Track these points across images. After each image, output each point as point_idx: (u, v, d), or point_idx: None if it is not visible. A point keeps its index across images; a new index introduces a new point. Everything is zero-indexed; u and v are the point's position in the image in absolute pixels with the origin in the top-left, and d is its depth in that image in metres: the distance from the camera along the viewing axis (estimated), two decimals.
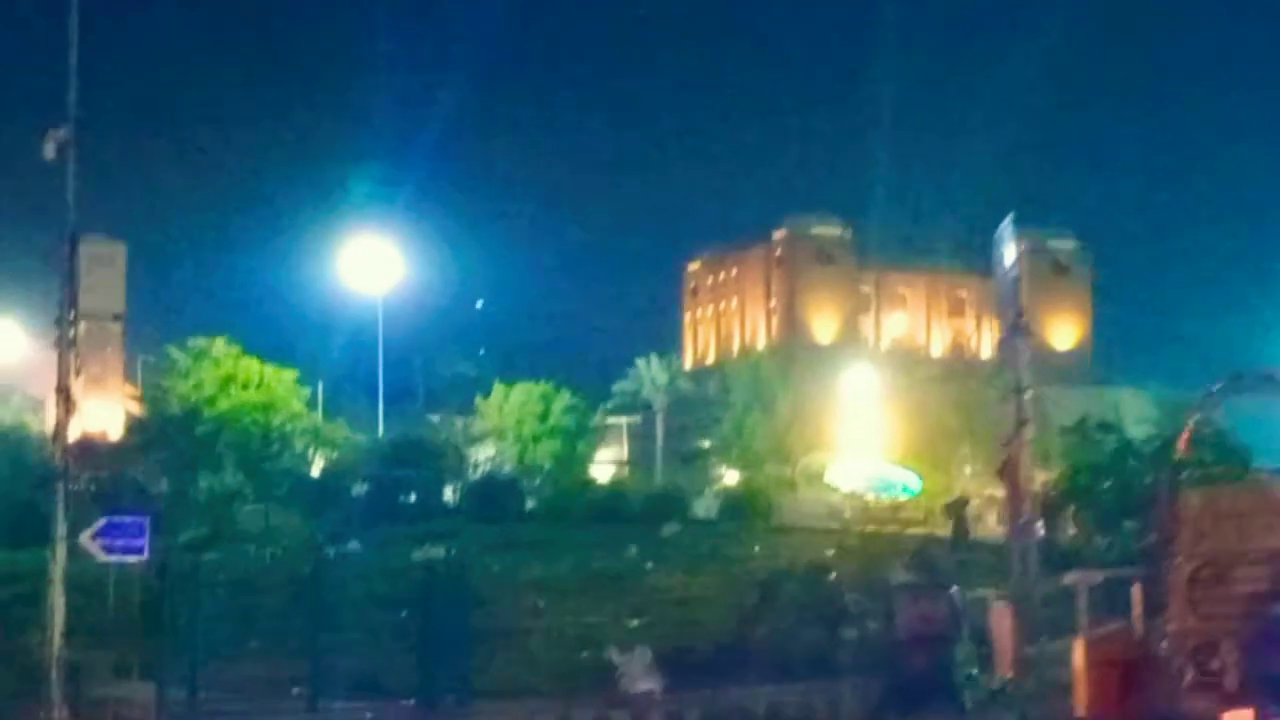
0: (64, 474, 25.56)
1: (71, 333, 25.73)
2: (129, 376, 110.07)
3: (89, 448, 78.21)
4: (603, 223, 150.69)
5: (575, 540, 55.28)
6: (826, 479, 72.03)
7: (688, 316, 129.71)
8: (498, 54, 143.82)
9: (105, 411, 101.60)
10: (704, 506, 63.52)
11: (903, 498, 70.10)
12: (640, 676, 27.60)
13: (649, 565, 50.10)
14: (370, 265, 73.08)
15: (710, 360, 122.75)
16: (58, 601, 25.05)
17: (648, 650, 28.91)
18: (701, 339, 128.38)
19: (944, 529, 56.35)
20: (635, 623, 40.55)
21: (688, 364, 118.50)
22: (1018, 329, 27.58)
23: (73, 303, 25.52)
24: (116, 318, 24.28)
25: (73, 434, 79.58)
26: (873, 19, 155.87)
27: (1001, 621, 28.68)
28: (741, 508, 60.95)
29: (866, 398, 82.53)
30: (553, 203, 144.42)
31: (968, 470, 74.55)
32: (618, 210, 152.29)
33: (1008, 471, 27.10)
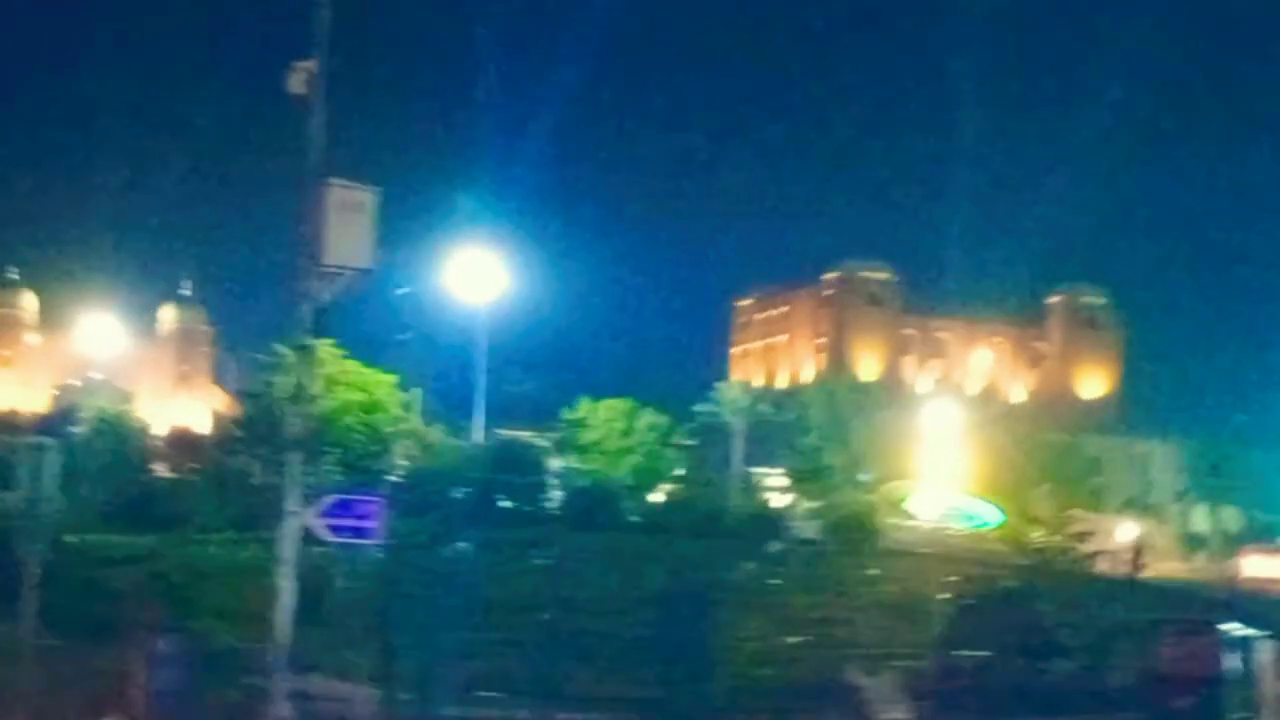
0: (304, 444, 21.03)
1: (312, 284, 21.23)
2: (223, 374, 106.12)
3: (182, 440, 74.09)
4: (663, 253, 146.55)
5: (681, 553, 50.70)
6: (907, 507, 67.51)
7: (737, 349, 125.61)
8: (594, 86, 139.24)
9: (192, 408, 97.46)
10: (802, 527, 58.78)
11: (984, 529, 65.59)
12: (890, 701, 22.98)
13: (775, 582, 45.46)
14: (475, 276, 68.48)
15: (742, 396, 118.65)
16: (284, 585, 20.45)
17: (894, 674, 24.29)
18: (748, 371, 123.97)
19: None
20: (793, 640, 35.96)
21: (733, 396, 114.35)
22: None
23: (313, 250, 21.07)
24: (365, 272, 19.92)
25: (162, 428, 74.27)
26: (938, 74, 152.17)
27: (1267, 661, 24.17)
28: (845, 530, 56.21)
29: (940, 433, 78.03)
30: (621, 230, 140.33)
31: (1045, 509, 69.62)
32: (678, 243, 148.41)
33: None
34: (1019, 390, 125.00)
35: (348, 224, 20.91)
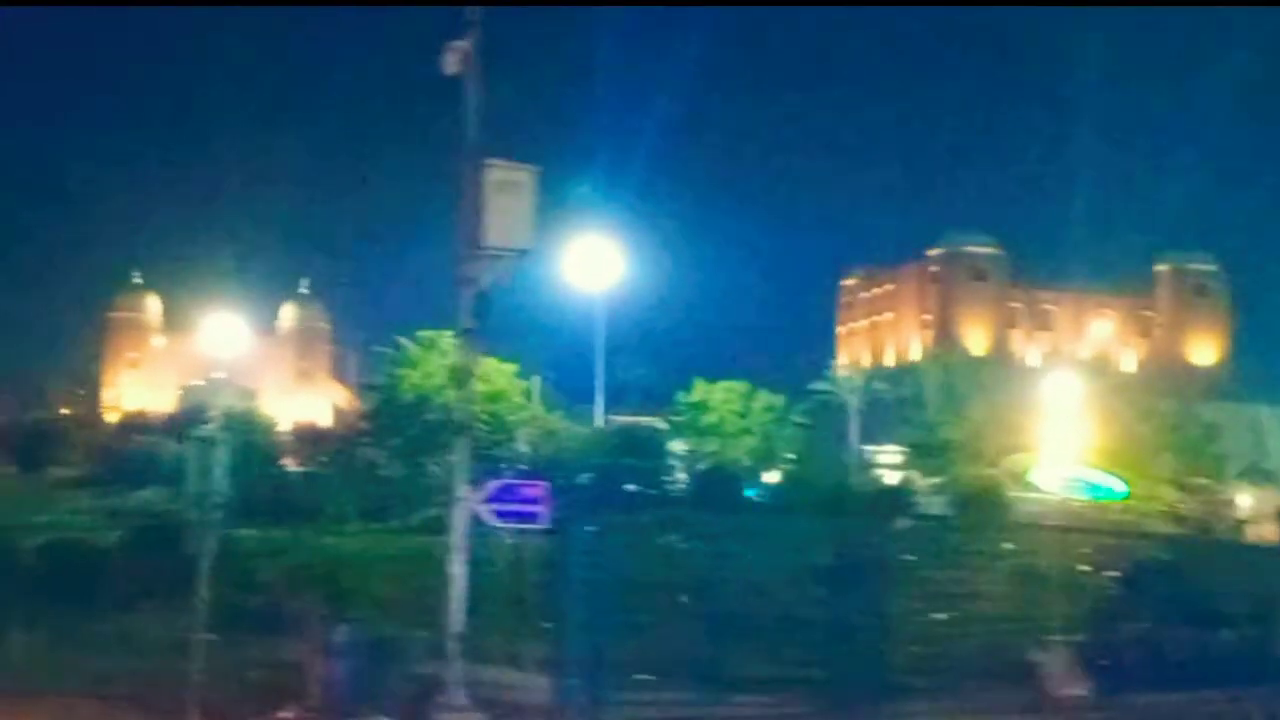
0: (467, 428, 20.61)
1: (473, 267, 20.78)
2: (342, 369, 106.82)
3: (309, 435, 74.44)
4: (768, 235, 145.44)
5: (811, 532, 49.83)
6: (1030, 480, 66.14)
7: (842, 328, 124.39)
8: (708, 72, 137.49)
9: (313, 403, 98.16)
10: (928, 503, 57.71)
11: (1110, 500, 64.09)
12: (1067, 678, 22.12)
13: (912, 558, 44.36)
14: (592, 264, 67.94)
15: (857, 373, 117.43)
16: (456, 571, 20.04)
17: (1069, 650, 23.40)
18: (855, 349, 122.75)
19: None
20: (943, 616, 34.96)
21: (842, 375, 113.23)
22: None
23: (474, 234, 20.61)
24: (523, 253, 19.31)
25: (285, 424, 74.19)
26: (1040, 45, 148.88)
27: None
28: (974, 504, 55.07)
29: (1058, 405, 76.46)
30: (728, 214, 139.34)
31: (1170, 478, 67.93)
32: (783, 224, 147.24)
33: None
34: (1129, 360, 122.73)
35: (507, 204, 20.38)
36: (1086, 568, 39.47)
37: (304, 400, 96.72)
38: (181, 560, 25.19)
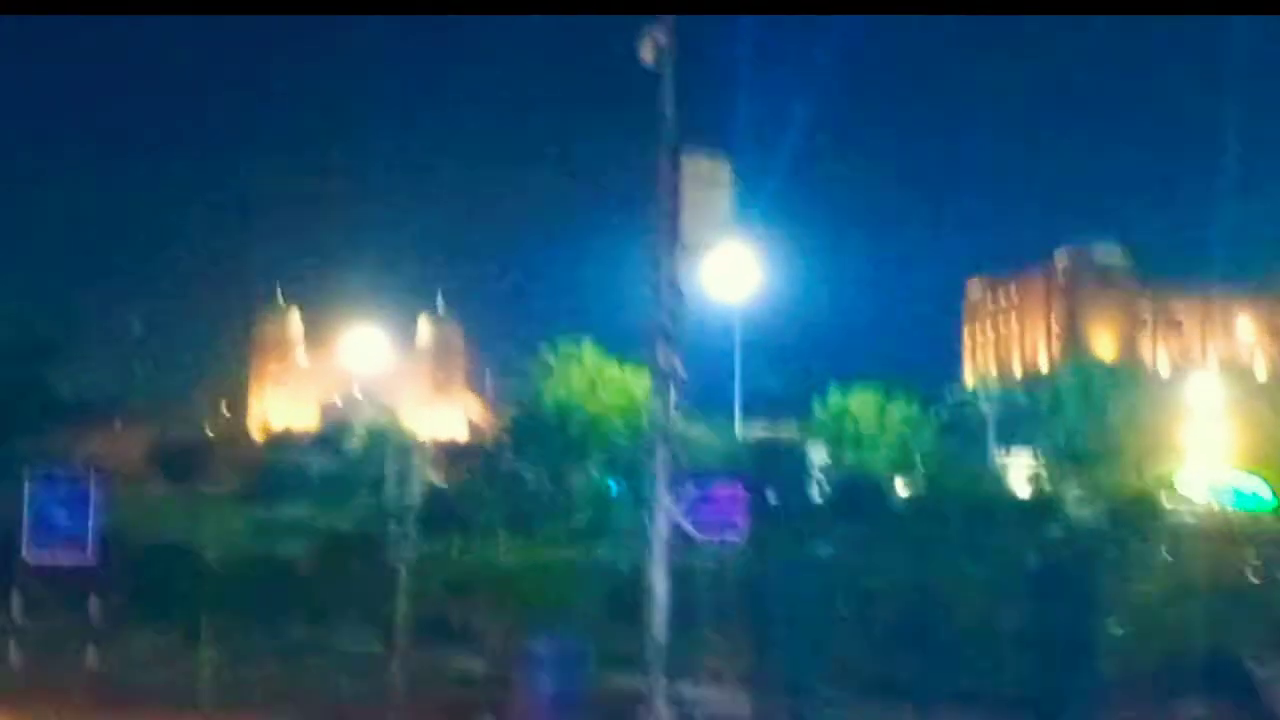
0: (666, 436, 19.69)
1: (670, 267, 19.91)
2: (477, 380, 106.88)
3: (452, 448, 74.35)
4: (893, 241, 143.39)
5: (963, 541, 48.26)
6: (1178, 487, 63.94)
7: (967, 336, 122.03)
8: (842, 83, 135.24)
9: (450, 416, 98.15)
10: (1079, 512, 55.79)
11: (1262, 510, 61.72)
12: None
13: (1077, 567, 42.62)
14: (730, 272, 66.82)
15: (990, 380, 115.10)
16: (658, 581, 19.11)
17: None
18: (980, 355, 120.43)
19: None
20: (1120, 631, 33.37)
21: (970, 383, 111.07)
22: None
23: (674, 228, 19.76)
24: (719, 249, 18.79)
25: (424, 437, 73.54)
26: (1158, 51, 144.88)
27: None
28: (1128, 513, 53.16)
29: (1200, 409, 74.10)
30: (857, 221, 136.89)
31: None
32: (908, 231, 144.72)
33: None
34: (1261, 363, 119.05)
35: (704, 198, 19.56)
36: (1257, 580, 37.69)
37: (441, 413, 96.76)
38: (361, 572, 24.64)
